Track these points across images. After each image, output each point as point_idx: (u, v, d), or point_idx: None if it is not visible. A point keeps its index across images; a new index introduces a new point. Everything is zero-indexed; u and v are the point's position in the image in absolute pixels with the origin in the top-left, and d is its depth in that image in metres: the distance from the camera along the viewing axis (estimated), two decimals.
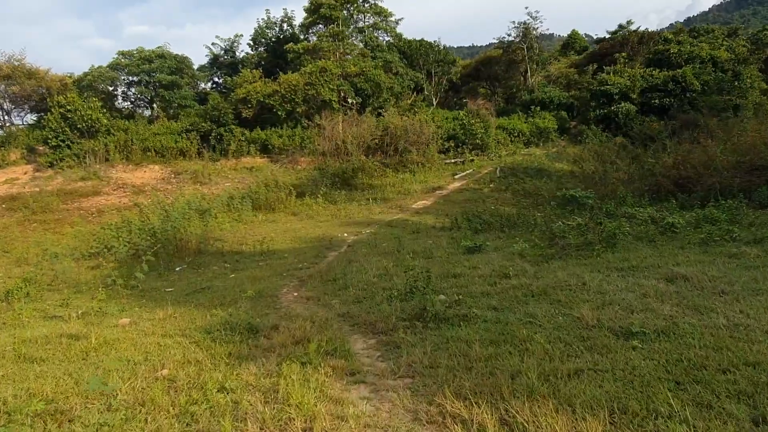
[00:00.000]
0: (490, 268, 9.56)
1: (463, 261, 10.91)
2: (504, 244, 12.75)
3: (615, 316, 5.78)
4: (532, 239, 11.97)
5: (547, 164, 31.72)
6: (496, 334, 5.78)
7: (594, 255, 9.37)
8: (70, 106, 32.44)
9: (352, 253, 14.40)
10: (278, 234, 19.87)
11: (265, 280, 11.66)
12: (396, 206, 25.27)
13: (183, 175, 30.23)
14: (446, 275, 9.38)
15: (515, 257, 10.40)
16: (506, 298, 7.20)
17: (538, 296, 7.09)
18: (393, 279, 9.63)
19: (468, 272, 9.39)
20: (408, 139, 32.71)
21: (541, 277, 8.16)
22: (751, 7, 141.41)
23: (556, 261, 9.46)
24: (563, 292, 7.06)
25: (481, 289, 7.92)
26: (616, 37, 52.98)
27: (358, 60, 36.47)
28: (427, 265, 10.93)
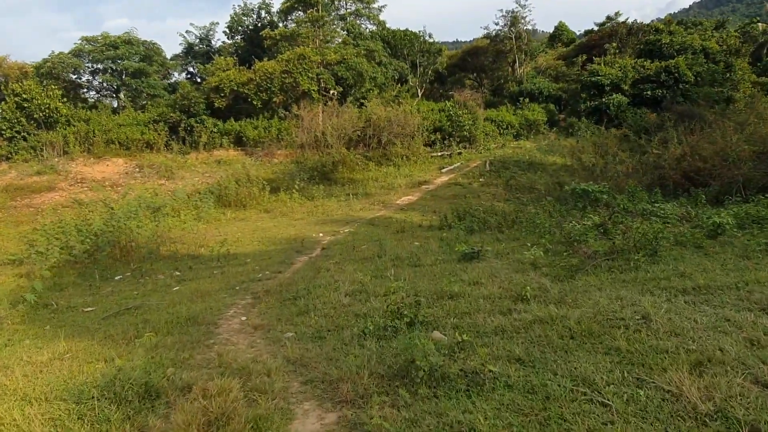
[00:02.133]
0: (497, 284, 7.18)
1: (459, 272, 8.51)
2: (506, 249, 10.38)
3: (733, 391, 3.42)
4: (542, 243, 9.62)
5: (539, 157, 29.48)
6: (532, 420, 3.37)
7: (633, 267, 7.03)
8: (26, 95, 29.44)
9: (325, 258, 11.94)
10: (246, 234, 17.35)
11: (211, 295, 9.16)
12: (379, 202, 22.83)
13: (148, 169, 27.44)
14: (440, 295, 6.98)
15: (527, 268, 8.03)
16: (534, 341, 4.82)
17: (581, 338, 4.71)
18: (370, 300, 7.21)
19: (469, 291, 7.00)
20: (392, 130, 30.27)
21: (573, 303, 5.80)
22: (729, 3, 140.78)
23: (583, 275, 7.11)
24: (619, 331, 4.70)
25: (493, 322, 5.51)
26: (605, 29, 50.91)
27: (339, 47, 33.87)
28: (414, 278, 8.55)
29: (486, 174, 26.70)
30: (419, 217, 18.91)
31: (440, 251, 11.33)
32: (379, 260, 10.90)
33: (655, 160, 19.71)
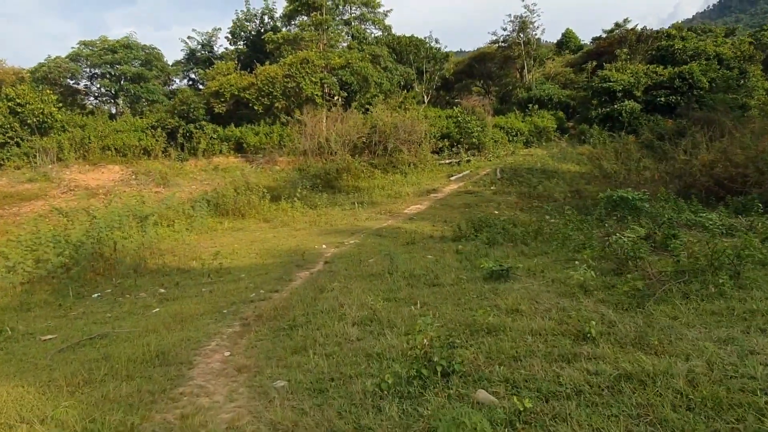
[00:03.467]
0: (543, 314, 5.68)
1: (490, 296, 6.99)
2: (538, 266, 8.85)
3: None
4: (583, 259, 8.08)
5: (552, 165, 27.99)
6: None
7: (717, 294, 5.50)
8: (20, 99, 28.15)
9: (328, 275, 10.42)
10: (243, 245, 15.86)
11: (193, 321, 7.65)
12: (385, 211, 21.34)
13: (144, 177, 26.03)
14: (473, 329, 5.47)
15: (575, 292, 6.49)
16: (633, 415, 3.28)
17: (707, 413, 3.17)
18: (385, 334, 5.69)
19: (509, 323, 5.47)
20: (399, 137, 28.82)
21: (663, 347, 4.26)
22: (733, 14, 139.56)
23: (653, 303, 5.57)
24: (762, 400, 3.16)
25: (558, 376, 3.97)
26: (614, 36, 49.55)
27: (343, 52, 32.53)
28: (435, 302, 7.03)
29: (498, 182, 25.21)
30: (430, 228, 17.42)
31: (460, 267, 9.80)
32: (390, 277, 9.39)
33: (681, 167, 18.21)
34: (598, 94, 37.84)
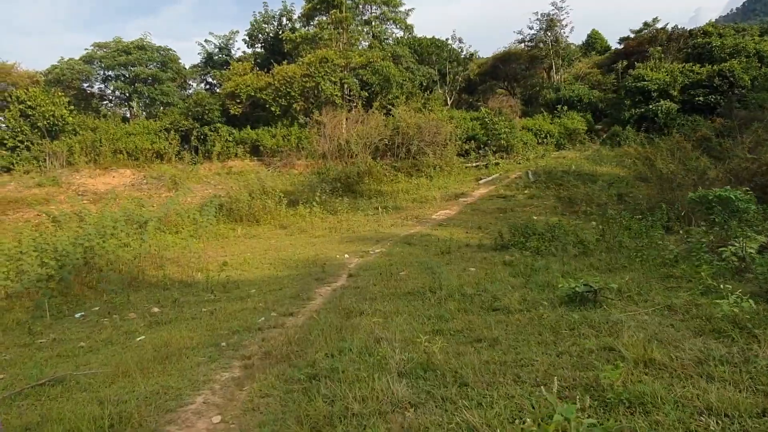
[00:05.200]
0: (702, 372, 3.58)
1: (587, 331, 4.96)
2: (630, 285, 6.73)
3: None
4: (702, 278, 5.97)
5: (587, 167, 25.72)
6: None
7: None
8: (31, 102, 26.76)
9: (354, 293, 8.43)
10: (256, 254, 13.97)
11: (181, 358, 5.70)
12: (412, 217, 19.33)
13: (154, 180, 24.37)
14: (604, 399, 3.38)
15: (727, 329, 4.39)
16: None
17: None
18: (454, 401, 3.64)
19: (661, 392, 3.37)
20: (423, 139, 26.82)
21: None
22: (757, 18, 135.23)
23: None
24: None
25: None
26: (643, 35, 47.10)
27: (364, 51, 30.69)
28: (511, 342, 4.98)
29: (531, 185, 23.03)
30: (463, 235, 15.37)
31: (519, 284, 7.72)
32: (433, 296, 7.37)
33: (747, 166, 15.92)
34: (631, 94, 35.46)
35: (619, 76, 41.91)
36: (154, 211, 14.54)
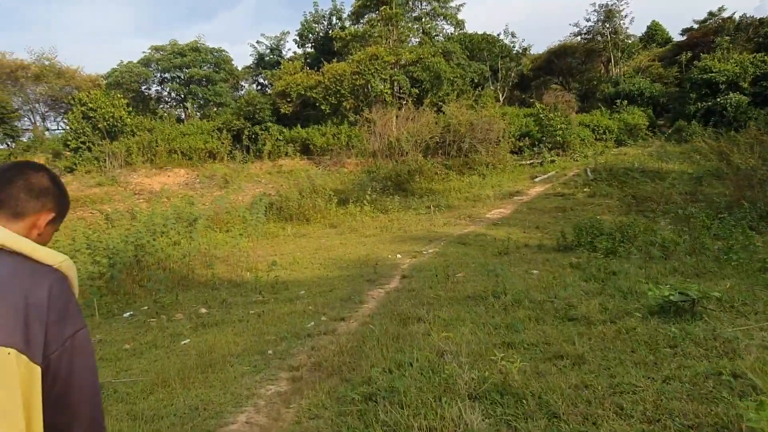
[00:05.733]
0: None
1: (692, 350, 4.10)
2: (732, 294, 5.78)
3: None
4: None
5: (652, 164, 24.10)
6: None
7: None
8: (92, 104, 27.58)
9: (409, 296, 7.79)
10: (305, 254, 13.56)
11: (224, 367, 5.23)
12: (465, 216, 18.53)
13: (208, 180, 24.55)
14: None
15: None
16: None
17: None
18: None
19: None
20: (475, 136, 25.90)
21: None
22: None
23: None
24: None
25: None
26: (708, 26, 44.31)
27: (414, 47, 30.02)
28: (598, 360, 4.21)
29: (591, 183, 21.74)
30: (521, 235, 14.47)
31: (594, 290, 6.88)
32: (497, 302, 6.64)
33: None
34: (697, 87, 33.21)
35: (683, 69, 39.50)
36: (204, 209, 14.38)
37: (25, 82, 32.44)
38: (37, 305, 1.20)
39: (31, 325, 1.18)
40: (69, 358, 1.24)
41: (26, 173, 1.36)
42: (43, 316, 1.20)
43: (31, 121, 34.19)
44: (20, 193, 1.33)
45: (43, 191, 1.37)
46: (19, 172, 1.36)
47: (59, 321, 1.23)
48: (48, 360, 1.20)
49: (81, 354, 1.26)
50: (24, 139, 33.01)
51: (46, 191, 1.38)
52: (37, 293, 1.21)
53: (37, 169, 1.41)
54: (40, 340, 1.18)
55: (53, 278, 1.26)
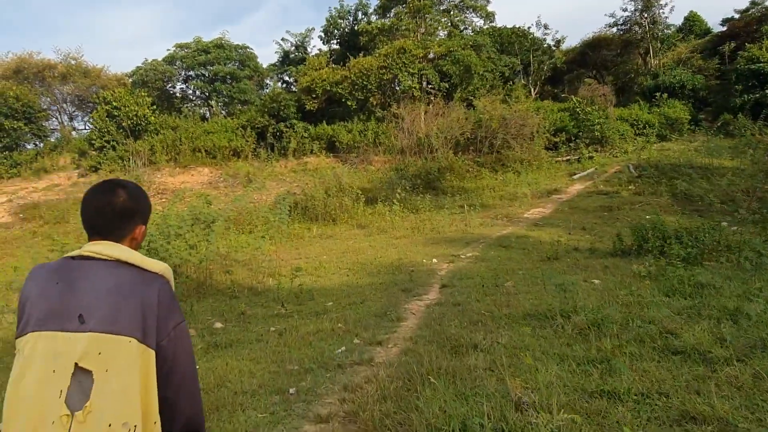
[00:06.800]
0: None
1: None
2: None
3: None
4: None
5: (699, 160, 22.33)
6: None
7: None
8: (116, 102, 27.02)
9: (454, 312, 6.58)
10: (332, 257, 12.47)
11: (238, 406, 4.08)
12: (501, 216, 17.22)
13: (232, 179, 23.68)
14: None
15: None
16: None
17: None
18: None
19: None
20: (508, 132, 24.45)
21: None
22: None
23: None
24: None
25: None
26: (750, 15, 41.77)
27: (444, 40, 28.68)
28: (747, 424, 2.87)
29: (636, 181, 20.14)
30: (565, 236, 13.11)
31: (686, 309, 5.56)
32: (567, 323, 5.38)
33: None
34: (743, 79, 31.05)
35: (726, 60, 37.20)
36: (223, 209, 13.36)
37: (52, 82, 32.15)
38: (150, 304, 1.49)
39: (147, 319, 1.46)
40: (173, 344, 1.52)
41: (112, 202, 1.58)
42: (154, 313, 1.49)
43: (59, 120, 33.93)
44: (115, 221, 1.58)
45: (130, 212, 1.61)
46: (107, 202, 1.58)
47: (166, 316, 1.52)
48: (159, 346, 1.48)
49: (182, 341, 1.54)
50: (52, 139, 32.73)
51: (132, 211, 1.62)
52: (149, 295, 1.50)
53: (118, 193, 1.61)
54: (153, 331, 1.47)
55: (160, 283, 1.55)
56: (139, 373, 1.40)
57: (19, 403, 1.36)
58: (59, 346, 1.39)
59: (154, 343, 1.46)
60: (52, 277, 1.49)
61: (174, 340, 1.51)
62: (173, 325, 1.52)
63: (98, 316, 1.41)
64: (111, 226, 1.58)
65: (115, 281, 1.48)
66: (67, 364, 1.37)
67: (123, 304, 1.44)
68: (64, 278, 1.47)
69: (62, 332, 1.40)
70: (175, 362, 1.50)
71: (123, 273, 1.50)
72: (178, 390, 1.50)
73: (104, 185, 1.64)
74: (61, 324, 1.41)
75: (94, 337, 1.39)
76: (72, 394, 1.35)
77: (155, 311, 1.48)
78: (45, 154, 29.68)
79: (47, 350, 1.39)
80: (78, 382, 1.36)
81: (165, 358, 1.48)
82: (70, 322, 1.41)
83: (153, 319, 1.47)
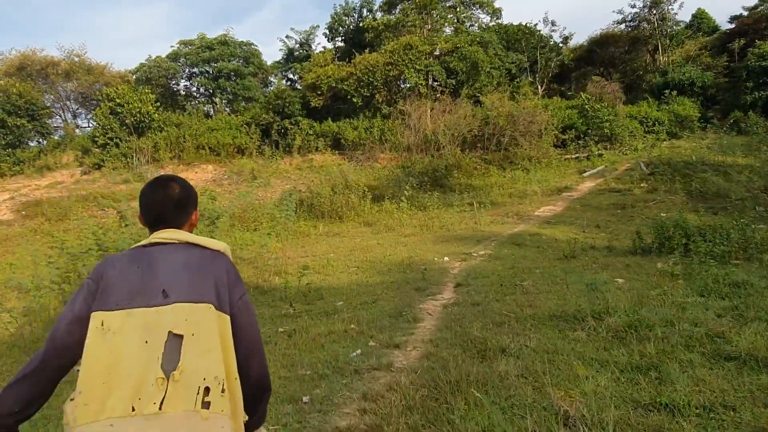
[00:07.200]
0: None
1: None
2: None
3: None
4: None
5: (713, 158, 21.84)
6: None
7: None
8: (119, 99, 26.68)
9: (474, 312, 6.18)
10: (340, 255, 12.06)
11: None
12: (511, 213, 16.79)
13: (236, 176, 23.30)
14: None
15: None
16: None
17: None
18: None
19: None
20: (517, 129, 23.99)
21: None
22: None
23: None
24: None
25: None
26: (759, 12, 41.18)
27: (450, 36, 28.24)
28: None
29: (648, 178, 19.67)
30: (580, 234, 12.66)
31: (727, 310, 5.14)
32: (600, 325, 4.96)
33: None
34: (754, 76, 30.54)
35: (736, 57, 36.64)
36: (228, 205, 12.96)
37: (55, 79, 31.82)
38: (220, 277, 1.66)
39: (219, 290, 1.64)
40: (241, 313, 1.69)
41: (170, 196, 1.78)
42: (224, 285, 1.66)
43: (63, 118, 33.61)
44: (176, 211, 1.78)
45: (185, 201, 1.81)
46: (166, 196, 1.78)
47: (233, 287, 1.69)
48: (231, 314, 1.66)
49: (247, 310, 1.73)
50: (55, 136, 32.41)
51: (186, 200, 1.82)
52: (218, 269, 1.68)
53: (170, 184, 1.82)
54: (225, 299, 1.65)
55: (224, 259, 1.73)
56: (218, 335, 1.57)
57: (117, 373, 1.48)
58: (149, 319, 1.54)
59: (227, 311, 1.63)
60: (131, 263, 1.65)
61: (241, 308, 1.69)
62: (239, 295, 1.70)
63: (179, 290, 1.59)
64: (174, 216, 1.77)
65: (187, 260, 1.66)
66: (159, 333, 1.53)
67: (197, 278, 1.62)
68: (142, 263, 1.64)
69: (149, 308, 1.56)
70: (243, 329, 1.67)
71: (192, 253, 1.69)
72: (248, 354, 1.68)
73: (159, 182, 1.83)
74: (147, 301, 1.56)
75: (179, 307, 1.56)
76: (165, 359, 1.50)
77: (225, 283, 1.66)
78: (48, 151, 29.37)
79: (137, 324, 1.53)
80: (169, 348, 1.51)
81: (235, 323, 1.65)
82: (155, 298, 1.57)
83: (224, 290, 1.64)
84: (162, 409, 1.46)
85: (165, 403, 1.46)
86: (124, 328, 1.53)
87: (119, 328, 1.53)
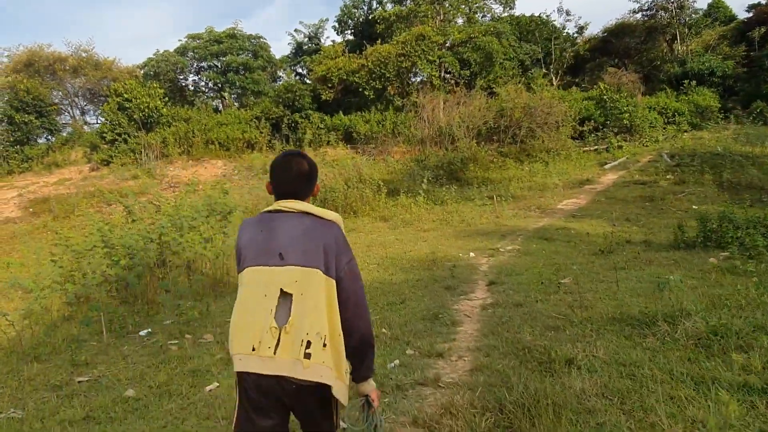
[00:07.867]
0: None
1: None
2: None
3: None
4: None
5: (738, 148, 20.93)
6: None
7: None
8: (127, 94, 26.13)
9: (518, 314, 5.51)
10: (358, 251, 11.35)
11: None
12: (534, 207, 16.06)
13: (246, 171, 22.71)
14: None
15: None
16: None
17: None
18: None
19: None
20: (533, 121, 23.20)
21: None
22: None
23: None
24: None
25: None
26: None
27: (464, 26, 27.44)
28: None
29: (674, 170, 18.83)
30: (609, 227, 11.81)
31: None
32: (676, 332, 4.25)
33: None
34: None
35: (756, 46, 35.53)
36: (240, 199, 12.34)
37: (63, 75, 31.34)
38: (329, 244, 1.88)
39: (327, 256, 1.86)
40: (347, 276, 1.92)
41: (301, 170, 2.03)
42: (333, 251, 1.88)
43: (71, 115, 33.16)
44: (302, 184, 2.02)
45: (310, 175, 2.05)
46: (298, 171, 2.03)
47: (341, 254, 1.91)
48: (337, 278, 1.89)
49: (353, 273, 1.95)
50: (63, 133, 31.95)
51: (311, 174, 2.05)
52: (328, 237, 1.90)
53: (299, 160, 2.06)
54: (333, 265, 1.87)
55: (335, 228, 1.96)
56: (325, 296, 1.83)
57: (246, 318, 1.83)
58: (267, 276, 1.85)
59: (334, 275, 1.88)
60: (257, 227, 1.96)
61: (348, 272, 1.92)
62: (346, 261, 1.93)
63: (293, 254, 1.85)
64: (302, 188, 2.02)
65: (302, 228, 1.91)
66: (274, 290, 1.82)
67: (310, 244, 1.87)
68: (265, 227, 1.93)
69: (268, 267, 1.85)
70: (349, 290, 1.91)
71: (307, 221, 1.93)
72: (354, 312, 1.92)
73: (289, 157, 2.08)
74: (267, 260, 1.86)
75: (291, 269, 1.83)
76: (278, 313, 1.80)
77: (334, 250, 1.89)
78: (56, 148, 28.91)
79: (259, 280, 1.86)
80: (282, 303, 1.81)
81: (342, 287, 1.89)
82: (273, 259, 1.85)
83: (332, 255, 1.88)
84: (276, 354, 1.74)
85: (278, 349, 1.75)
86: (251, 282, 1.87)
87: (248, 281, 1.89)
